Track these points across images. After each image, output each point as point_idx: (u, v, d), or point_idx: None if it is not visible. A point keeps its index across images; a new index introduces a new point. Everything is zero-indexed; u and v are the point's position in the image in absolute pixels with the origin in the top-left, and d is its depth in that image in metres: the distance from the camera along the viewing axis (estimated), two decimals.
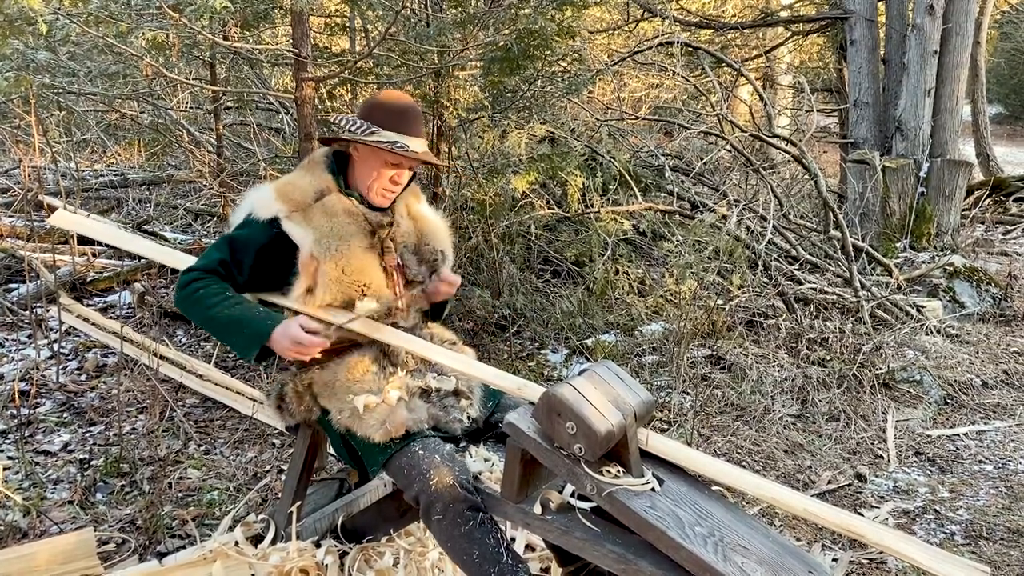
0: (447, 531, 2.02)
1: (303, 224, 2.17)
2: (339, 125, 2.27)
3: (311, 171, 2.29)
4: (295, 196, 2.21)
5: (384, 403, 2.16)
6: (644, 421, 1.99)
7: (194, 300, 2.14)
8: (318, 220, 2.19)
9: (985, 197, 9.06)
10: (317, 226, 2.18)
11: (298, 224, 2.17)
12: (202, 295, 2.13)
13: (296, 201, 2.20)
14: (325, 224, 2.19)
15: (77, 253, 5.31)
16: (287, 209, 2.18)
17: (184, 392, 3.93)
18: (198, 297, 2.13)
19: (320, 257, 2.17)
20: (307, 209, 2.20)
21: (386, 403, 2.16)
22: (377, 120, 2.21)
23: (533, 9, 4.38)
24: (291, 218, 2.17)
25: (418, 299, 2.38)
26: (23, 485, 3.08)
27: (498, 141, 4.90)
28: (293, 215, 2.18)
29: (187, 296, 2.15)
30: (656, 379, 4.36)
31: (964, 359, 4.76)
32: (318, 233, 2.17)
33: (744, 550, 1.78)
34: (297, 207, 2.19)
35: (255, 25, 4.56)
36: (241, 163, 5.85)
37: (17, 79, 4.37)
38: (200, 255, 2.25)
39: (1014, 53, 17.98)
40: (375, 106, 2.25)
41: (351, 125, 2.23)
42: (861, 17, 7.40)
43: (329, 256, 2.17)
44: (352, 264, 2.20)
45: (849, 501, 3.34)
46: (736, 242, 4.92)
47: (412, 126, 2.24)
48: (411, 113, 2.25)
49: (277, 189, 2.23)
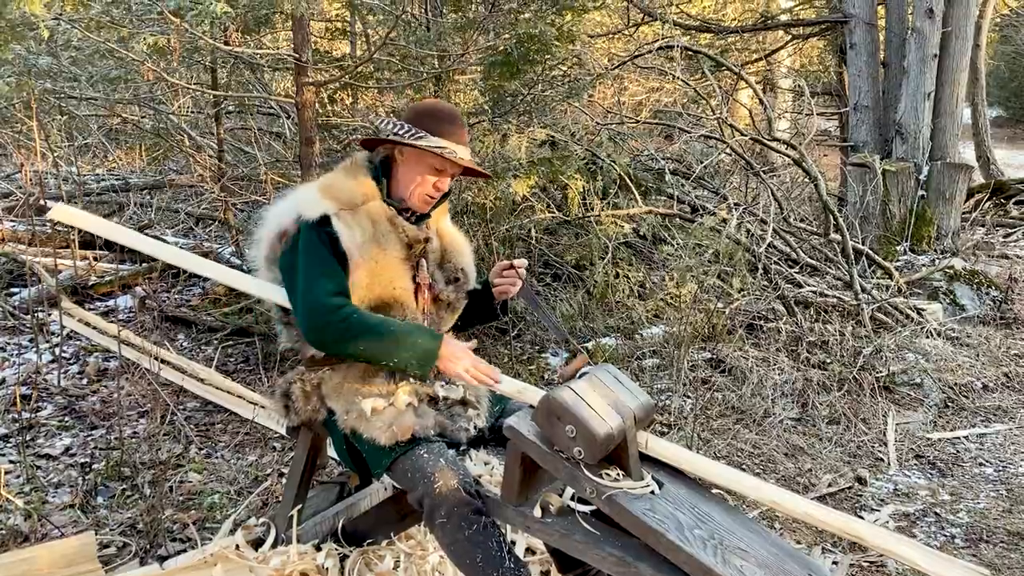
0: (451, 535, 2.03)
1: (352, 225, 2.16)
2: (386, 128, 2.26)
3: (354, 174, 2.26)
4: (343, 196, 2.19)
5: (393, 406, 2.16)
6: (644, 424, 1.99)
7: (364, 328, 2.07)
8: (364, 222, 2.18)
9: (985, 200, 9.06)
10: (364, 228, 2.17)
11: (347, 225, 2.15)
12: (366, 323, 2.08)
13: (344, 200, 2.19)
14: (370, 228, 2.18)
15: (79, 257, 5.32)
16: (336, 207, 2.16)
17: (185, 396, 3.93)
18: (367, 326, 2.07)
19: (360, 260, 2.16)
20: (355, 209, 2.19)
21: (395, 406, 2.16)
22: (425, 126, 2.21)
23: (533, 14, 4.39)
24: (340, 217, 2.15)
25: (441, 318, 2.38)
26: (24, 489, 3.08)
27: (498, 145, 4.90)
28: (342, 213, 2.16)
29: (355, 325, 2.07)
30: (656, 382, 4.37)
31: (964, 362, 4.76)
32: (364, 236, 2.17)
33: (744, 553, 1.79)
34: (346, 206, 2.18)
35: (256, 30, 4.57)
36: (242, 167, 5.86)
37: (19, 84, 4.39)
38: (316, 284, 2.12)
39: (1014, 56, 17.99)
40: (423, 112, 2.25)
41: (399, 128, 2.22)
42: (861, 21, 7.41)
43: (368, 260, 2.16)
44: (384, 275, 2.19)
45: (849, 504, 3.34)
46: (736, 245, 4.93)
47: (460, 134, 2.25)
48: (459, 121, 2.26)
49: (322, 188, 2.21)
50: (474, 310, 2.45)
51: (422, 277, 2.29)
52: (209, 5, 3.31)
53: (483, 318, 2.52)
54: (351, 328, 2.07)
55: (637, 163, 6.46)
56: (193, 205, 6.80)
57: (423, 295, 2.29)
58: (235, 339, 4.66)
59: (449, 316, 2.40)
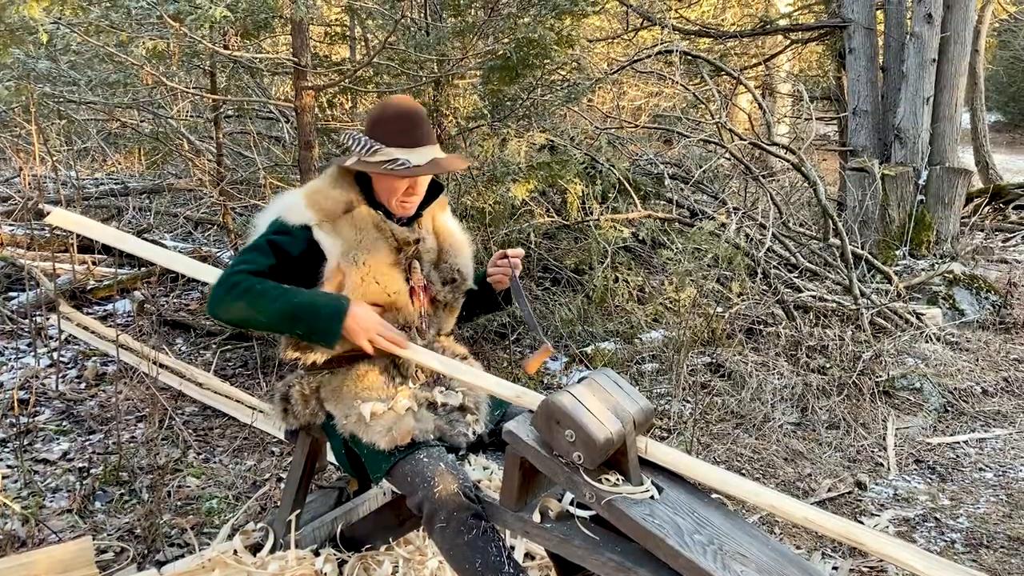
0: (450, 540, 2.02)
1: (332, 234, 2.14)
2: (346, 143, 2.24)
3: (339, 182, 2.25)
4: (326, 205, 2.17)
5: (392, 411, 2.16)
6: (643, 429, 1.99)
7: (257, 293, 2.03)
8: (346, 232, 2.16)
9: (984, 204, 9.06)
10: (346, 238, 2.15)
11: (328, 234, 2.14)
12: (264, 288, 2.04)
13: (327, 210, 2.17)
14: (353, 236, 2.16)
15: (77, 262, 5.32)
16: (318, 218, 2.15)
17: (183, 400, 3.93)
18: (261, 290, 2.03)
19: (346, 269, 2.15)
20: (336, 220, 2.16)
21: (394, 411, 2.16)
22: (380, 137, 2.16)
23: (532, 18, 4.40)
24: (321, 227, 2.14)
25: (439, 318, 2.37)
26: (22, 494, 3.07)
27: (497, 149, 4.91)
28: (323, 224, 2.15)
29: (246, 290, 2.03)
30: (656, 387, 4.36)
31: (964, 366, 4.76)
32: (346, 245, 2.15)
33: (743, 558, 1.78)
34: (328, 216, 2.16)
35: (255, 34, 4.58)
36: (241, 171, 5.86)
37: (18, 88, 4.39)
38: (238, 259, 2.13)
39: (1013, 61, 18.02)
40: (376, 121, 2.20)
41: (356, 145, 2.19)
42: (860, 25, 7.43)
43: (355, 268, 2.15)
44: (376, 280, 2.17)
45: (849, 509, 3.33)
46: (735, 250, 4.93)
47: (415, 136, 2.17)
48: (412, 122, 2.18)
49: (307, 196, 2.20)
50: (475, 302, 2.44)
51: (415, 280, 2.27)
52: (208, 9, 3.31)
53: (486, 309, 2.51)
54: (250, 292, 2.03)
55: (636, 167, 6.46)
56: (192, 209, 6.80)
57: (418, 298, 2.28)
58: (234, 343, 4.66)
59: (448, 316, 2.40)
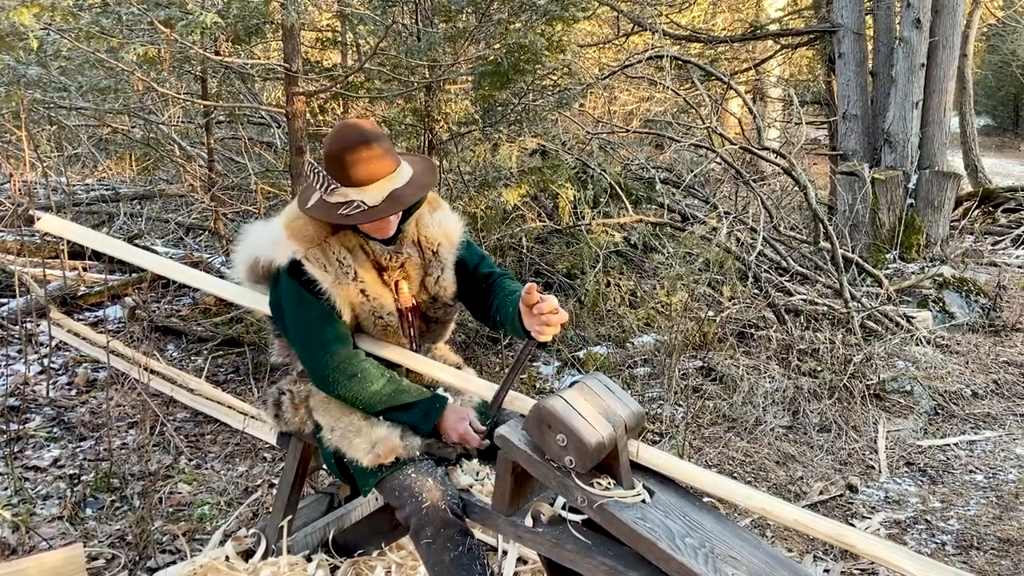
0: (436, 555, 2.04)
1: (324, 263, 2.10)
2: (309, 179, 2.14)
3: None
4: (308, 232, 2.12)
5: (377, 428, 2.17)
6: (635, 433, 1.99)
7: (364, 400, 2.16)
8: (333, 259, 2.12)
9: (974, 208, 9.12)
10: (332, 263, 2.12)
11: (316, 265, 2.10)
12: (366, 393, 2.16)
13: (310, 237, 2.12)
14: (339, 263, 2.13)
15: (68, 268, 5.30)
16: (304, 247, 2.10)
17: (175, 406, 3.91)
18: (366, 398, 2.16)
19: (339, 297, 2.13)
20: (322, 244, 2.12)
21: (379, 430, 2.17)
22: (335, 175, 2.06)
23: (523, 24, 4.41)
24: (310, 258, 2.10)
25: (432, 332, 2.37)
26: (12, 501, 3.06)
27: (489, 154, 4.92)
28: (310, 252, 2.10)
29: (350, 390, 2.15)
30: (647, 391, 4.37)
31: (954, 369, 4.78)
32: (334, 276, 2.12)
33: (735, 561, 1.79)
34: (313, 243, 2.11)
35: (246, 40, 4.57)
36: (232, 177, 5.85)
37: (8, 94, 4.38)
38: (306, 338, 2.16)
39: (1001, 65, 18.11)
40: (328, 158, 2.07)
41: (316, 181, 2.10)
42: (849, 30, 7.47)
43: (345, 295, 2.13)
44: (365, 305, 2.18)
45: (840, 512, 3.34)
46: (726, 254, 4.95)
47: (368, 171, 2.04)
48: (362, 156, 2.04)
49: (288, 228, 2.14)
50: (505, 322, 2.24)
51: (402, 302, 2.24)
52: (199, 15, 3.31)
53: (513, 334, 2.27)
54: (360, 385, 2.15)
55: (628, 172, 6.48)
56: (183, 215, 6.78)
57: (406, 319, 2.26)
58: (225, 349, 4.64)
59: (441, 330, 2.39)
